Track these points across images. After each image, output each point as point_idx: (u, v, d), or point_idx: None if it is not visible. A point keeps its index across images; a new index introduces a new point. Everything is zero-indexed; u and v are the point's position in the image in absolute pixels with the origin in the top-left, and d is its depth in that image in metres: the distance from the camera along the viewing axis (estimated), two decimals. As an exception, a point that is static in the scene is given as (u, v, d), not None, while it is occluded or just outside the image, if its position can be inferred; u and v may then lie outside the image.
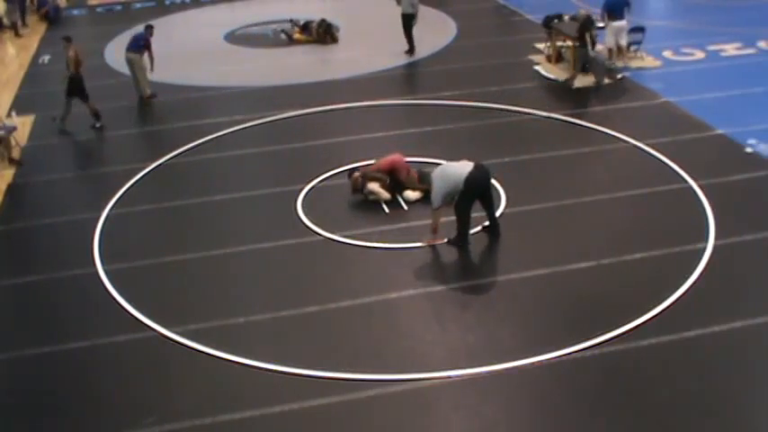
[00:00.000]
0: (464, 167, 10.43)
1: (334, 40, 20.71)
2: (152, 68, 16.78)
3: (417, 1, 18.76)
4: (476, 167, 10.45)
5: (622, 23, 17.19)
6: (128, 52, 16.78)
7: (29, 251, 11.48)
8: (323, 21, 20.86)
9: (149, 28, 16.85)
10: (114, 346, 9.21)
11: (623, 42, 17.27)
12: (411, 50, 19.03)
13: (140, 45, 16.64)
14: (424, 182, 10.75)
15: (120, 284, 10.29)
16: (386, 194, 11.91)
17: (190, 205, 12.48)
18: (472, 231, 10.89)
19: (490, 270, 10.32)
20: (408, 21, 18.83)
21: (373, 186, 11.89)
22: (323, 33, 20.70)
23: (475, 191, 10.47)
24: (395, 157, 12.27)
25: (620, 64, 17.33)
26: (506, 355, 8.63)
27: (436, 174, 10.58)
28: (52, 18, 24.86)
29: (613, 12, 17.20)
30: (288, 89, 17.39)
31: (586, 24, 16.70)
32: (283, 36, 21.34)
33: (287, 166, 13.60)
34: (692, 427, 7.68)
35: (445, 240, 10.79)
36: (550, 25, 18.17)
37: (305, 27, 21.08)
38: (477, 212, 11.02)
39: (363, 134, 14.62)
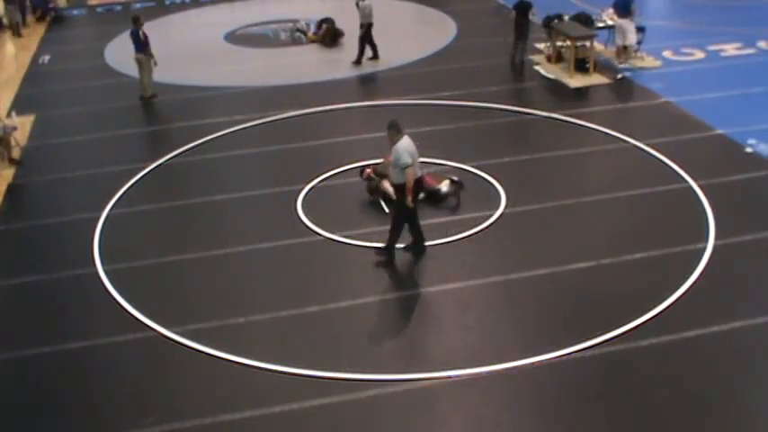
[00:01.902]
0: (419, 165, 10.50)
1: (337, 42, 20.69)
2: (155, 62, 16.78)
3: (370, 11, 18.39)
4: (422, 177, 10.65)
5: (623, 21, 17.18)
6: (135, 53, 16.79)
7: (29, 251, 11.47)
8: (333, 25, 20.81)
9: (136, 20, 16.76)
10: (114, 346, 9.21)
11: (626, 42, 17.22)
12: (359, 60, 18.68)
13: (141, 45, 16.61)
14: None
15: (120, 284, 10.29)
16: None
17: (190, 205, 12.48)
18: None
19: (490, 270, 10.32)
20: (369, 30, 18.51)
21: (386, 185, 11.87)
22: (330, 36, 20.61)
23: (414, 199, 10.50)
24: None
25: (621, 64, 17.31)
26: (506, 355, 8.64)
27: (403, 144, 10.30)
28: (53, 18, 24.84)
29: (617, 9, 17.30)
30: (288, 89, 17.39)
31: (522, 8, 17.55)
32: (298, 34, 21.34)
33: (287, 166, 13.60)
34: (692, 427, 7.68)
35: (403, 246, 10.74)
36: (550, 25, 18.17)
37: (319, 26, 21.05)
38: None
39: (363, 134, 14.61)
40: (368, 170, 12.18)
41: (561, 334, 8.93)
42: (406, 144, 10.30)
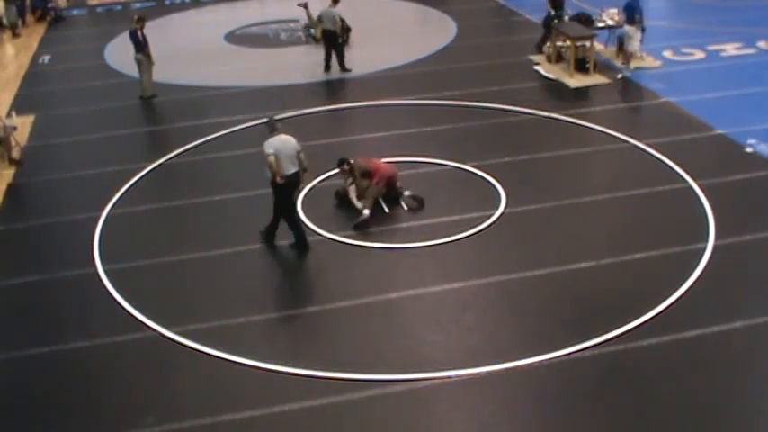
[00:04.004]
0: (293, 163, 10.62)
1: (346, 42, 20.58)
2: (152, 63, 16.80)
3: (339, 17, 17.81)
4: (296, 174, 10.68)
5: (630, 28, 17.12)
6: (135, 54, 16.80)
7: (29, 251, 11.47)
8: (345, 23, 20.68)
9: (140, 21, 16.77)
10: (114, 346, 9.21)
11: (629, 48, 17.14)
12: (328, 67, 18.15)
13: (140, 45, 16.61)
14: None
15: (120, 284, 10.29)
16: (358, 204, 11.74)
17: (190, 205, 12.48)
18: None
19: (490, 270, 10.32)
20: (331, 37, 18.02)
21: (351, 194, 11.83)
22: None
23: (286, 194, 10.67)
24: (389, 169, 12.11)
25: (622, 64, 17.30)
26: (506, 355, 8.64)
27: (271, 140, 10.58)
28: (53, 18, 24.83)
29: (625, 14, 17.26)
30: (288, 89, 17.38)
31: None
32: (303, 36, 21.30)
33: (287, 166, 13.58)
34: (692, 426, 7.68)
35: (262, 230, 11.00)
36: (550, 25, 18.17)
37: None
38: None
39: (363, 134, 14.62)
40: (344, 167, 12.04)
41: (561, 334, 8.93)
42: (273, 140, 10.56)
